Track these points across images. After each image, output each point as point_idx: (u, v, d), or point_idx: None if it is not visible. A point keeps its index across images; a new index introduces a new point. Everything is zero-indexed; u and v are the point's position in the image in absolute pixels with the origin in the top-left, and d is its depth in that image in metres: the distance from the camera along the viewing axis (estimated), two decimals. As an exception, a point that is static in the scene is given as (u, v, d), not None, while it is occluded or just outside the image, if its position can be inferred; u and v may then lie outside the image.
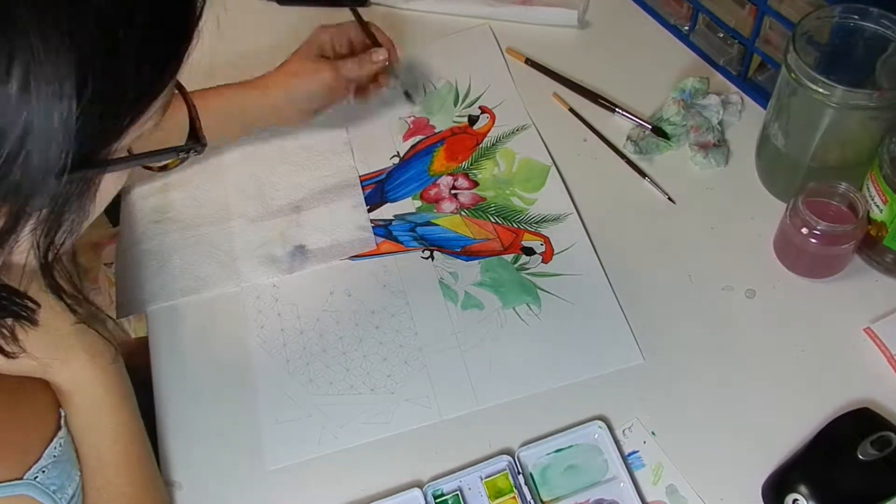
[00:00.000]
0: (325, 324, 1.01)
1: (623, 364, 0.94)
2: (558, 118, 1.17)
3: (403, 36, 1.27)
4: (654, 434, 0.89)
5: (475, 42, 1.27)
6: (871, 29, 0.95)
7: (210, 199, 1.12)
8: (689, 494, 0.85)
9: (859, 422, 0.86)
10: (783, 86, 0.97)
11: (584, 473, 0.87)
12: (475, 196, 1.10)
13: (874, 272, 0.99)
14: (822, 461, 0.84)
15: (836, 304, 0.97)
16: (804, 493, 0.81)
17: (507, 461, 0.88)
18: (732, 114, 1.13)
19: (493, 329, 0.99)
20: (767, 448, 0.87)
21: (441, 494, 0.87)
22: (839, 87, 0.90)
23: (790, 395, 0.91)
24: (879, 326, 0.94)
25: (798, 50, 0.92)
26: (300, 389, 0.96)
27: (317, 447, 0.92)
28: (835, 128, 0.95)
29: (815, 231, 0.93)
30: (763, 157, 1.07)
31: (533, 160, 1.13)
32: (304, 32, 1.10)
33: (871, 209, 0.95)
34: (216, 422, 0.94)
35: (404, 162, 1.15)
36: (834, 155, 0.99)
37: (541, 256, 1.04)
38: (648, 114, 1.15)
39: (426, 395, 0.94)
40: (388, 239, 1.07)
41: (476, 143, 1.15)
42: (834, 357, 0.93)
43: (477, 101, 1.20)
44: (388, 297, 1.02)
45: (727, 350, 0.95)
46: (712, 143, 1.09)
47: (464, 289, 1.02)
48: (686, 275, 1.00)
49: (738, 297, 0.98)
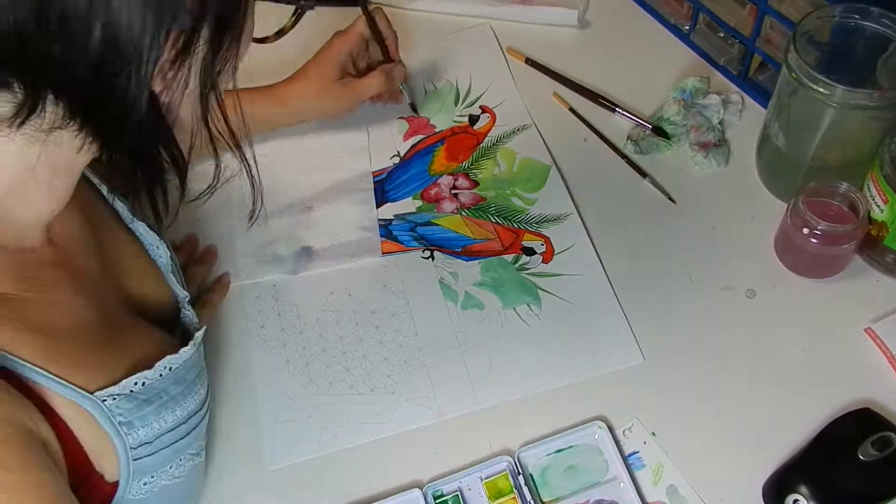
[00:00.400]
0: (325, 324, 1.01)
1: (624, 364, 0.94)
2: (558, 118, 1.17)
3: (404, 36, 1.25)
4: (654, 434, 0.89)
5: (475, 42, 1.27)
6: (871, 28, 0.95)
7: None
8: (690, 495, 0.85)
9: (860, 422, 0.85)
10: (784, 85, 0.97)
11: (584, 474, 0.87)
12: (475, 196, 1.10)
13: (875, 272, 0.99)
14: (823, 461, 0.83)
15: (837, 304, 0.97)
16: (805, 494, 0.81)
17: (508, 462, 0.88)
18: (733, 113, 1.13)
19: (493, 329, 0.98)
20: (768, 448, 0.87)
21: (441, 495, 0.87)
22: (840, 87, 0.90)
23: (790, 395, 0.91)
24: (880, 326, 0.94)
25: (799, 49, 0.92)
26: (300, 389, 0.96)
27: (317, 447, 0.92)
28: (835, 127, 0.95)
29: (815, 231, 0.93)
30: (763, 157, 1.07)
31: (533, 160, 1.12)
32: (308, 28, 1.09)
33: (871, 209, 0.95)
34: (216, 421, 0.94)
35: (405, 161, 1.14)
36: (834, 155, 0.99)
37: (541, 256, 1.04)
38: (649, 113, 1.14)
39: (426, 396, 0.94)
40: (388, 239, 1.07)
41: (476, 143, 1.15)
42: (834, 357, 0.93)
43: (477, 101, 1.20)
44: (388, 296, 1.02)
45: (727, 350, 0.94)
46: (712, 143, 1.09)
47: (464, 289, 1.02)
48: (686, 275, 1.00)
49: (739, 297, 0.98)
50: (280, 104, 1.08)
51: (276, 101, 1.08)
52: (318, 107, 1.09)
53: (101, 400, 0.69)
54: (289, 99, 1.08)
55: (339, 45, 1.08)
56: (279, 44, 1.04)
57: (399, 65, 1.12)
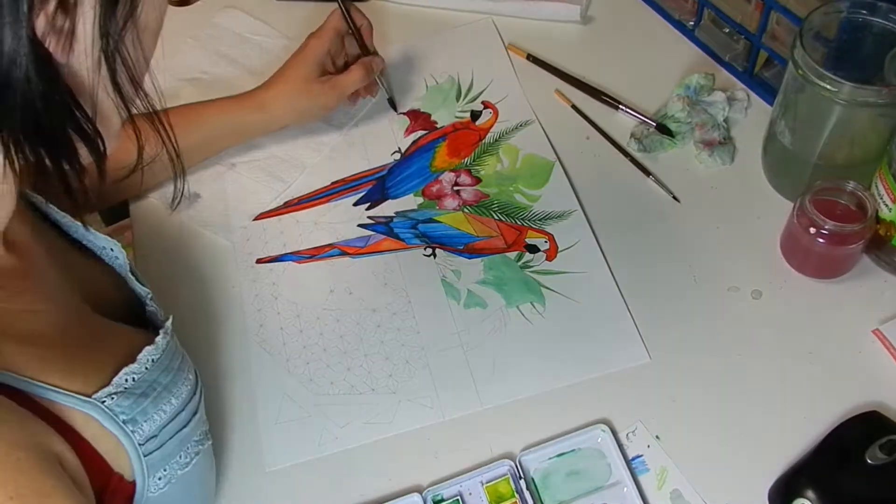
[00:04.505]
0: (325, 322, 1.00)
1: (629, 363, 0.93)
2: (561, 115, 1.15)
3: (405, 31, 1.26)
4: (658, 438, 0.88)
5: (478, 36, 1.26)
6: (879, 24, 0.94)
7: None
8: (694, 499, 0.84)
9: (868, 425, 0.85)
10: (790, 82, 0.96)
11: (586, 478, 0.86)
12: (478, 192, 1.09)
13: (883, 273, 0.98)
14: (830, 465, 0.83)
15: (844, 305, 0.96)
16: (812, 498, 0.80)
17: (509, 466, 0.87)
18: (738, 111, 1.12)
19: (496, 328, 0.97)
20: (774, 452, 0.86)
21: (441, 500, 0.86)
22: (847, 84, 0.89)
23: (797, 397, 0.90)
24: (888, 328, 0.93)
25: (805, 46, 0.91)
26: (300, 389, 0.95)
27: (317, 448, 0.91)
28: (843, 125, 0.94)
29: (822, 231, 0.92)
30: (769, 155, 1.05)
31: (537, 156, 1.11)
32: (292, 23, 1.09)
33: (879, 208, 0.94)
34: (215, 422, 0.93)
35: (406, 158, 1.13)
36: (842, 153, 0.98)
37: (545, 254, 1.03)
38: (652, 111, 1.13)
39: (428, 396, 0.93)
40: (389, 236, 1.06)
41: (479, 139, 1.14)
42: (842, 359, 0.92)
43: (479, 97, 1.18)
44: (389, 295, 1.01)
45: (732, 352, 0.93)
46: (718, 141, 1.08)
47: (466, 287, 1.01)
48: (691, 275, 0.99)
49: (744, 297, 0.97)
50: (259, 110, 1.07)
51: (254, 107, 1.07)
52: (299, 107, 1.07)
53: (101, 401, 0.69)
54: (268, 103, 1.06)
55: (316, 45, 1.07)
56: (273, 49, 1.04)
57: (376, 56, 1.11)
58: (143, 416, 0.72)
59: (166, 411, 0.75)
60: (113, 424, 0.69)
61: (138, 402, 0.72)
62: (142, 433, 0.72)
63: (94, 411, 0.68)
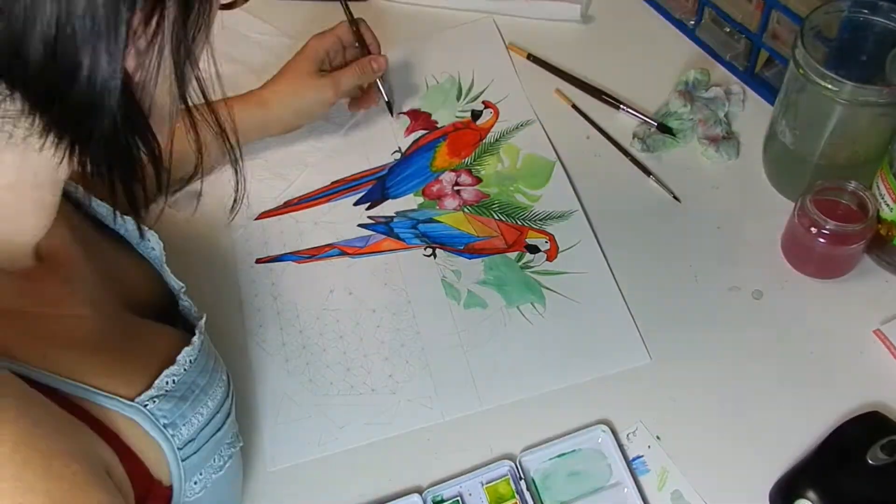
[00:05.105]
0: (325, 323, 1.00)
1: (630, 364, 0.93)
2: (562, 114, 1.15)
3: (406, 30, 1.26)
4: (658, 438, 0.88)
5: (478, 36, 1.26)
6: (881, 24, 0.94)
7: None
8: (695, 500, 0.84)
9: (869, 426, 0.84)
10: (791, 82, 0.96)
11: (587, 479, 0.86)
12: (478, 192, 1.09)
13: (884, 273, 0.97)
14: (831, 466, 0.82)
15: (845, 305, 0.95)
16: (813, 499, 0.80)
17: (509, 466, 0.87)
18: (735, 104, 1.12)
19: (496, 328, 0.97)
20: (775, 452, 0.86)
21: (441, 500, 0.86)
22: (848, 84, 0.89)
23: (798, 398, 0.89)
24: (889, 328, 0.92)
25: (806, 45, 0.91)
26: (300, 389, 0.95)
27: (317, 448, 0.91)
28: (844, 125, 0.94)
29: (823, 230, 0.92)
30: (770, 155, 1.05)
31: (537, 156, 1.11)
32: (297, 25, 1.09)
33: (880, 208, 0.93)
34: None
35: (406, 157, 1.13)
36: (843, 153, 0.98)
37: (545, 254, 1.02)
38: (653, 110, 1.13)
39: (428, 396, 0.93)
40: (389, 236, 1.06)
41: (479, 139, 1.14)
42: (843, 359, 0.92)
43: (480, 96, 1.18)
44: (389, 295, 1.01)
45: (733, 352, 0.93)
46: (721, 136, 1.08)
47: (467, 287, 1.01)
48: (692, 275, 0.99)
49: (745, 297, 0.97)
50: (260, 106, 1.07)
51: (256, 104, 1.07)
52: (298, 103, 1.07)
53: (143, 405, 0.68)
54: (269, 100, 1.07)
55: (316, 45, 1.08)
56: (274, 48, 1.05)
57: (380, 57, 1.10)
58: (183, 419, 0.72)
59: (203, 414, 0.74)
60: (154, 429, 0.69)
61: (178, 406, 0.72)
62: (181, 437, 0.71)
63: (138, 416, 0.67)
